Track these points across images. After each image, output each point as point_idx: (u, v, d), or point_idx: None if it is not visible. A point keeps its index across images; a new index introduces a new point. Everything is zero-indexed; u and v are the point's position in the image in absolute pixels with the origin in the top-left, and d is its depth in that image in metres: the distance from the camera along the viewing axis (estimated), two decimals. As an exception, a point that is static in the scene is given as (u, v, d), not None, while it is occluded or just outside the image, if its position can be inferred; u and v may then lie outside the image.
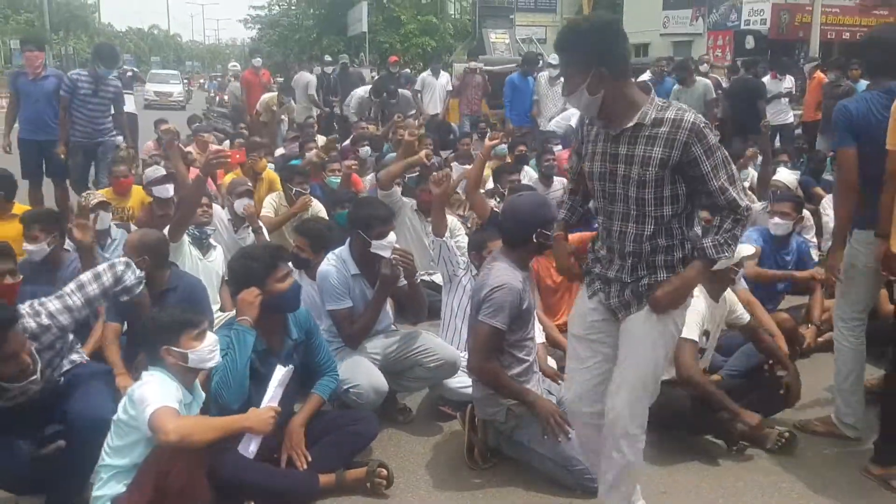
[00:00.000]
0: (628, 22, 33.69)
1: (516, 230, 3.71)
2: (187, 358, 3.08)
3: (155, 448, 2.92)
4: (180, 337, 3.09)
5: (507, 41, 27.29)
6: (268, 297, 3.53)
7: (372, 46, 30.48)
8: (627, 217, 2.84)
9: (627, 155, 2.77)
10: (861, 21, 27.99)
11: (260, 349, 3.54)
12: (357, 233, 4.21)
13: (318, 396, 3.74)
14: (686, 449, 3.97)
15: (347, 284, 4.15)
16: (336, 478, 3.53)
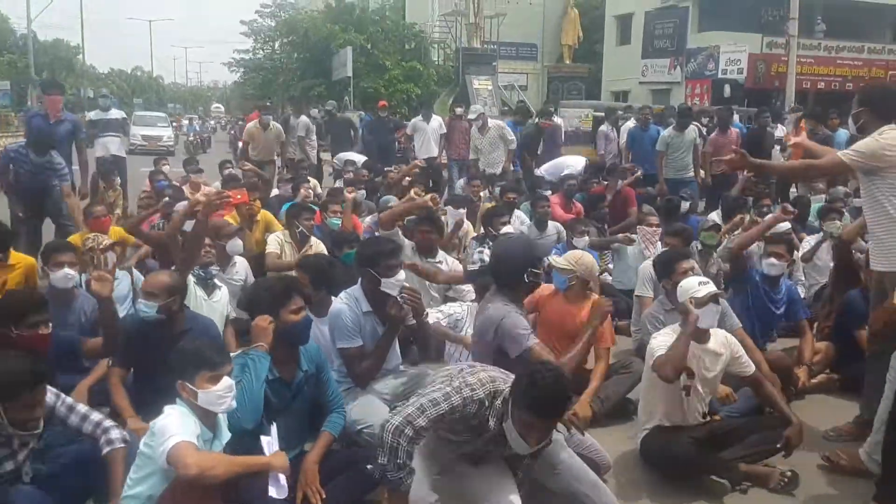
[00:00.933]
0: (608, 70, 34.55)
1: (509, 271, 3.84)
2: (197, 396, 3.10)
3: (173, 480, 2.96)
4: (196, 375, 3.11)
5: (490, 88, 27.66)
6: (280, 327, 3.63)
7: (356, 91, 30.82)
8: None
9: None
10: (835, 71, 28.81)
11: (272, 378, 3.63)
12: (367, 271, 4.30)
13: (329, 434, 3.79)
14: (693, 490, 4.03)
15: (359, 322, 4.23)
16: None
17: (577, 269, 4.96)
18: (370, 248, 4.45)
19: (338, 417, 3.87)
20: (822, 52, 29.12)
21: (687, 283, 4.33)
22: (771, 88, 27.11)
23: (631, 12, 32.92)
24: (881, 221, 4.28)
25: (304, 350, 3.82)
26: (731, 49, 27.88)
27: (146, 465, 3.04)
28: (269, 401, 3.59)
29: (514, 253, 3.85)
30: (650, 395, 4.31)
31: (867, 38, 30.74)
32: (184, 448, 2.89)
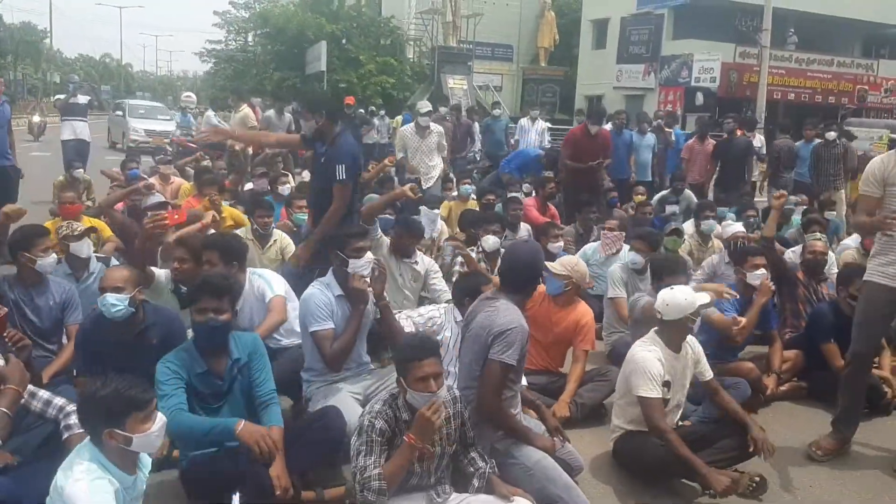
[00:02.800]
0: (583, 74, 34.71)
1: (522, 276, 3.82)
2: (131, 442, 2.78)
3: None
4: (126, 419, 2.76)
5: (465, 87, 27.68)
6: (195, 325, 3.68)
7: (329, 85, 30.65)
8: None
9: None
10: (805, 83, 29.25)
11: (200, 371, 3.62)
12: (335, 253, 4.33)
13: (277, 428, 3.64)
14: (664, 493, 4.09)
15: (331, 306, 4.25)
16: (316, 495, 3.61)
17: (573, 275, 5.00)
18: (339, 231, 4.56)
19: (275, 408, 3.76)
20: (793, 63, 29.56)
21: (689, 294, 4.30)
22: (742, 98, 27.44)
23: (607, 17, 33.10)
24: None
25: (236, 338, 3.77)
26: (705, 57, 28.15)
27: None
28: (201, 392, 3.61)
29: (528, 260, 3.85)
30: (624, 400, 4.33)
31: (837, 51, 31.29)
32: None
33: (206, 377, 3.65)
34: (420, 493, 3.38)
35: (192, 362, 3.62)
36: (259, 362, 3.79)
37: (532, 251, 3.97)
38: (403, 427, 3.26)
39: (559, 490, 3.57)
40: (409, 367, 3.21)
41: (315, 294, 4.28)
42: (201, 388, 3.62)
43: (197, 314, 3.64)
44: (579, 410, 4.90)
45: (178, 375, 3.56)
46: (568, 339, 5.21)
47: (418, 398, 3.19)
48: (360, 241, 4.39)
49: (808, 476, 4.41)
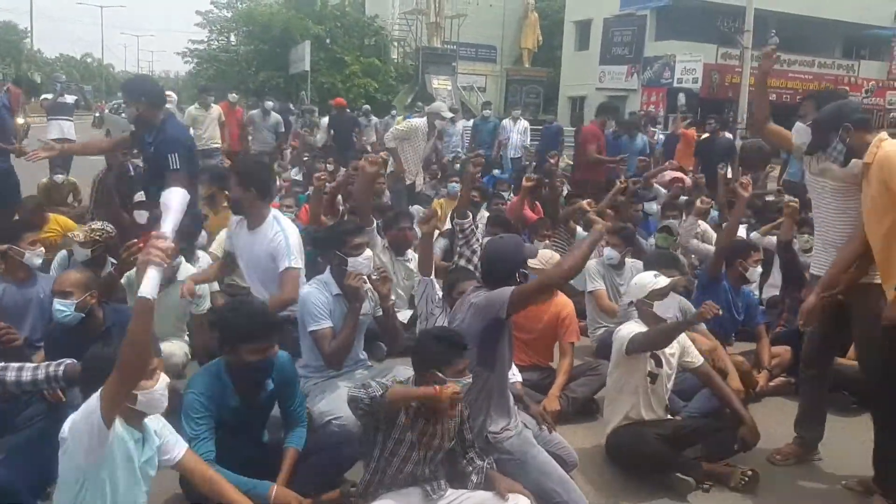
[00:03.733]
0: (566, 75, 34.87)
1: (500, 270, 3.80)
2: (136, 399, 2.73)
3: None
4: None
5: (449, 87, 27.73)
6: (238, 362, 3.47)
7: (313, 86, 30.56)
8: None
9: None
10: (787, 84, 29.48)
11: (234, 405, 3.54)
12: (334, 252, 4.31)
13: (294, 449, 3.67)
14: (658, 487, 4.09)
15: (329, 305, 4.22)
16: (313, 501, 3.56)
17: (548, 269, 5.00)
18: (335, 230, 4.53)
19: (301, 431, 3.77)
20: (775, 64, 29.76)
21: (641, 278, 4.47)
22: (725, 99, 27.61)
23: (590, 18, 33.28)
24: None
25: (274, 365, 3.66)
26: (687, 58, 28.36)
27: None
28: (228, 422, 3.53)
29: (506, 254, 3.82)
30: (615, 389, 4.36)
31: (818, 52, 31.58)
32: (104, 385, 2.58)
33: (238, 411, 3.55)
34: (415, 489, 3.38)
35: (224, 394, 3.49)
36: (290, 390, 3.77)
37: (511, 245, 3.93)
38: (410, 412, 3.26)
39: (554, 484, 3.58)
40: (451, 360, 3.24)
41: (313, 293, 4.25)
42: (230, 419, 3.52)
43: (251, 354, 3.43)
44: (570, 405, 4.91)
45: (208, 412, 3.41)
46: (552, 332, 5.23)
47: (458, 387, 3.20)
48: (357, 238, 4.34)
49: (800, 470, 4.43)
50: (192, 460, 3.09)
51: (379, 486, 3.36)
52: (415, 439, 3.30)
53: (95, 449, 2.57)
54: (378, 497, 3.32)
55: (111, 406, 2.57)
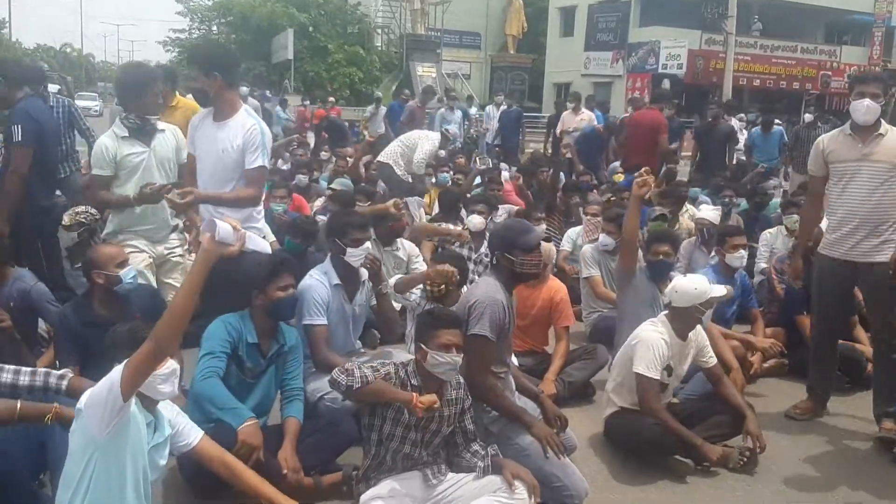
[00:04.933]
0: (551, 62, 34.81)
1: (493, 251, 3.80)
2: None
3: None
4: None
5: (434, 75, 27.62)
6: (267, 302, 3.69)
7: (297, 75, 30.38)
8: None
9: None
10: (770, 69, 29.60)
11: (251, 342, 3.69)
12: (334, 241, 4.30)
13: (296, 420, 3.72)
14: (656, 468, 4.07)
15: (327, 297, 4.19)
16: (314, 483, 3.58)
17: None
18: (340, 220, 4.47)
19: (299, 405, 3.83)
20: (758, 50, 29.91)
21: (702, 283, 4.28)
22: (709, 84, 27.70)
23: (574, 4, 33.25)
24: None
25: (285, 327, 3.88)
26: (672, 44, 28.42)
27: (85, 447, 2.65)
28: (244, 362, 3.67)
29: (495, 234, 3.84)
30: (619, 381, 4.34)
31: (800, 37, 31.72)
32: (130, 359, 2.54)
33: (254, 350, 3.72)
34: (416, 473, 3.36)
35: (246, 331, 3.70)
36: (296, 357, 3.90)
37: (519, 229, 3.92)
38: (410, 389, 3.27)
39: (555, 469, 3.55)
40: (434, 334, 3.25)
41: (314, 286, 4.22)
42: (245, 358, 3.69)
43: (279, 290, 3.70)
44: (566, 388, 4.89)
45: (230, 338, 3.63)
46: (546, 317, 5.22)
47: (440, 359, 3.21)
48: (360, 233, 4.33)
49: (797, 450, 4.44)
50: (210, 446, 3.08)
51: (379, 468, 3.34)
52: (412, 421, 3.28)
53: (108, 421, 2.53)
54: (379, 481, 3.30)
55: (134, 378, 2.53)
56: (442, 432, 3.40)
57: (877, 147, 4.42)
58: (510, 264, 3.68)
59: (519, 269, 3.68)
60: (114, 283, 3.94)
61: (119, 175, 4.46)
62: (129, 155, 4.44)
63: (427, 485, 3.34)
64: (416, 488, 3.32)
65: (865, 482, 4.08)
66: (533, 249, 3.69)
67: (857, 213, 4.47)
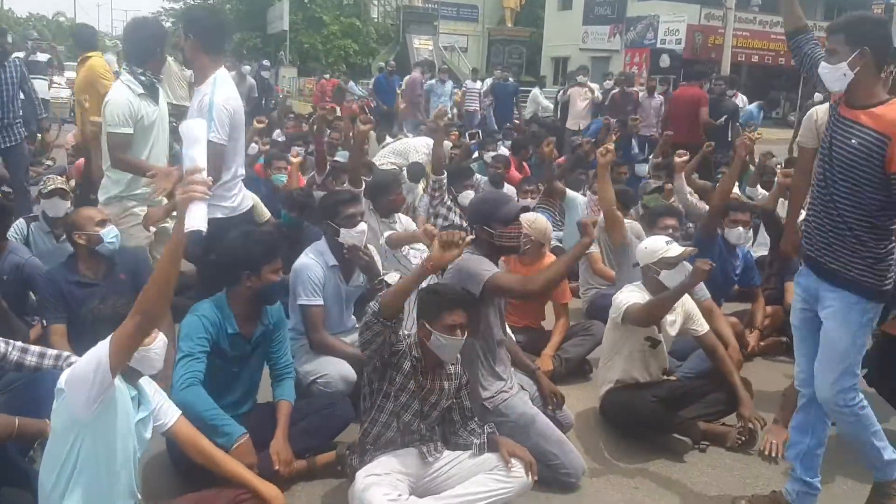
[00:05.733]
0: (549, 35, 34.49)
1: (471, 222, 3.73)
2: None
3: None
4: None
5: (431, 48, 27.39)
6: (259, 285, 3.47)
7: (292, 46, 30.09)
8: None
9: None
10: (769, 45, 29.37)
11: (232, 332, 3.50)
12: (327, 223, 4.17)
13: (286, 402, 3.63)
14: (654, 448, 4.05)
15: (323, 278, 4.10)
16: (307, 463, 3.56)
17: (531, 232, 4.89)
18: (330, 199, 4.33)
19: (290, 383, 3.73)
20: (756, 25, 29.64)
21: (653, 242, 4.29)
22: (708, 60, 27.44)
23: (573, -23, 32.88)
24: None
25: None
26: (671, 19, 28.14)
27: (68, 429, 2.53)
28: (226, 353, 3.49)
29: (472, 207, 3.78)
30: (612, 351, 4.29)
31: (800, 14, 31.37)
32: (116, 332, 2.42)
33: (236, 339, 3.51)
34: (412, 450, 3.32)
35: (224, 321, 3.47)
36: (281, 333, 3.74)
37: (495, 200, 3.83)
38: (414, 361, 3.24)
39: (552, 446, 3.54)
40: (438, 314, 3.18)
41: (310, 265, 4.12)
42: (228, 348, 3.48)
43: (272, 273, 3.50)
44: (563, 365, 4.86)
45: (208, 335, 3.38)
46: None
47: (444, 341, 3.16)
48: (351, 208, 4.20)
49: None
50: (185, 428, 2.99)
51: (376, 441, 3.29)
52: (414, 388, 3.26)
53: (94, 399, 2.44)
54: (374, 457, 3.26)
55: (122, 353, 2.44)
56: (440, 405, 3.36)
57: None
58: (489, 237, 3.61)
59: (497, 241, 3.61)
60: (94, 242, 3.98)
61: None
62: (146, 114, 4.32)
63: (423, 462, 3.30)
64: (413, 465, 3.27)
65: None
66: (510, 221, 3.61)
67: None
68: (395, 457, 3.26)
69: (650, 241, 4.36)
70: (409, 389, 3.27)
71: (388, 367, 3.26)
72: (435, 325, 3.19)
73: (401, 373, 3.26)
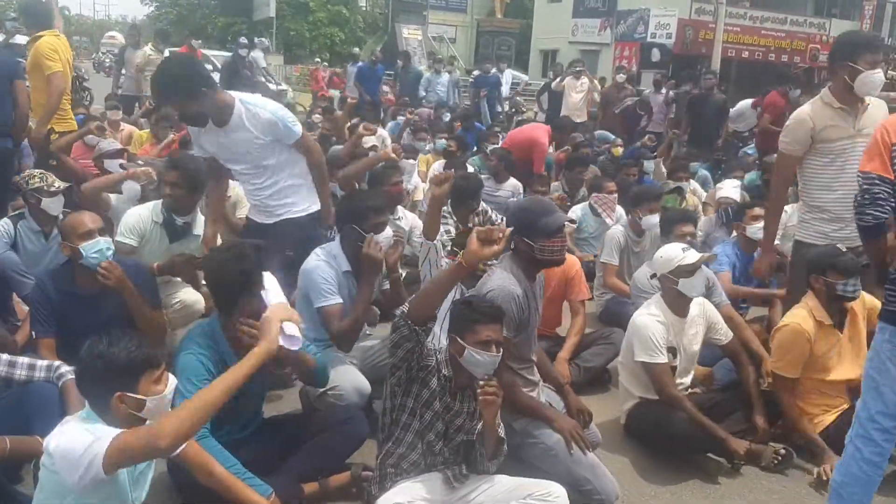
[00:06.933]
0: (538, 28, 34.21)
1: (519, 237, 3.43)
2: (143, 406, 2.36)
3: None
4: (139, 380, 2.35)
5: (420, 38, 27.06)
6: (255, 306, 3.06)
7: (279, 33, 29.67)
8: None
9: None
10: (760, 41, 29.26)
11: (230, 364, 3.07)
12: (351, 227, 3.84)
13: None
14: (687, 468, 3.81)
15: (337, 281, 3.80)
16: (319, 486, 3.28)
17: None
18: (358, 202, 3.97)
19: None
20: (747, 21, 29.48)
21: (669, 251, 4.03)
22: (698, 55, 27.28)
23: (563, -31, 32.58)
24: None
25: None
26: (661, 13, 27.93)
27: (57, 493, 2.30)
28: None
29: (512, 216, 3.45)
30: (628, 370, 4.05)
31: (790, 10, 31.29)
32: (126, 433, 2.20)
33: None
34: (435, 475, 3.05)
35: (221, 352, 3.11)
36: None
37: (519, 206, 3.61)
38: (442, 380, 3.00)
39: (584, 471, 3.26)
40: (473, 328, 2.93)
41: (321, 266, 3.79)
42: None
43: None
44: (582, 374, 4.61)
45: (209, 375, 2.97)
46: (560, 295, 4.90)
47: (478, 357, 2.90)
48: (381, 216, 3.90)
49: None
50: (194, 451, 2.73)
51: (397, 464, 3.03)
52: (440, 408, 3.01)
53: (87, 481, 2.15)
54: (395, 483, 2.98)
55: (122, 462, 2.18)
56: (465, 428, 3.09)
57: (867, 120, 4.08)
58: (529, 249, 3.31)
59: (539, 254, 3.31)
60: (76, 256, 3.57)
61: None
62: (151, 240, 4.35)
63: (449, 488, 3.03)
64: (437, 492, 3.01)
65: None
66: (555, 233, 3.32)
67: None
68: (417, 482, 2.99)
69: (666, 249, 4.10)
70: (434, 408, 3.02)
71: (414, 382, 3.00)
72: (468, 339, 2.92)
73: (427, 389, 3.01)
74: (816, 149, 4.18)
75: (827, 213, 4.24)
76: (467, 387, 3.06)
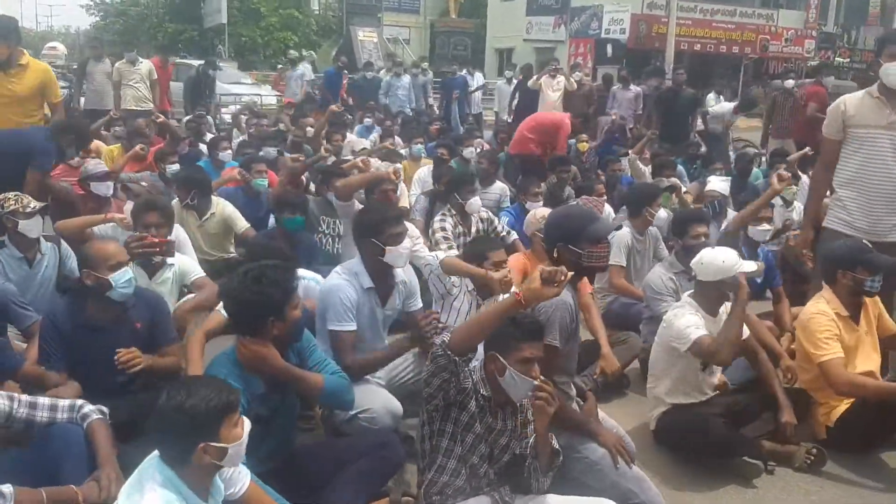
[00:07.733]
0: (493, 26, 34.18)
1: (549, 240, 3.35)
2: (225, 455, 2.28)
3: None
4: (220, 428, 2.26)
5: (376, 40, 26.83)
6: (285, 328, 3.01)
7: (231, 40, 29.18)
8: None
9: None
10: (711, 33, 29.64)
11: (259, 393, 3.02)
12: (369, 241, 3.71)
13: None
14: (716, 471, 3.75)
15: (357, 301, 3.65)
16: None
17: (542, 225, 4.54)
18: (373, 215, 3.85)
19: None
20: (698, 14, 29.84)
21: (727, 256, 3.88)
22: (652, 49, 27.52)
23: (516, -33, 32.61)
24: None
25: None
26: (615, 9, 28.13)
27: None
28: (261, 414, 2.97)
29: (554, 225, 3.36)
30: (663, 373, 3.97)
31: (739, 2, 31.75)
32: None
33: (265, 397, 3.03)
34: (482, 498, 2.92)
35: (247, 383, 2.94)
36: (311, 348, 3.27)
37: (562, 214, 3.51)
38: (481, 399, 2.86)
39: (630, 483, 3.18)
40: (515, 345, 2.79)
41: (342, 287, 3.65)
42: (261, 410, 2.98)
43: (295, 309, 3.05)
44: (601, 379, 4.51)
45: (241, 408, 2.73)
46: None
47: (518, 380, 2.76)
48: (398, 227, 3.77)
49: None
50: (257, 494, 2.59)
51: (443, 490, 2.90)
52: (482, 431, 2.88)
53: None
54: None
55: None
56: (510, 449, 2.97)
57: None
58: (576, 258, 3.21)
59: (587, 261, 3.22)
60: (104, 287, 3.39)
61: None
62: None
63: None
64: None
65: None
66: (601, 240, 3.24)
67: (878, 186, 4.24)
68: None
69: (723, 254, 3.91)
70: (475, 431, 2.89)
71: (453, 407, 2.86)
72: (510, 357, 2.79)
73: (466, 412, 2.88)
74: (848, 134, 4.34)
75: (848, 201, 4.37)
76: (507, 403, 2.94)
